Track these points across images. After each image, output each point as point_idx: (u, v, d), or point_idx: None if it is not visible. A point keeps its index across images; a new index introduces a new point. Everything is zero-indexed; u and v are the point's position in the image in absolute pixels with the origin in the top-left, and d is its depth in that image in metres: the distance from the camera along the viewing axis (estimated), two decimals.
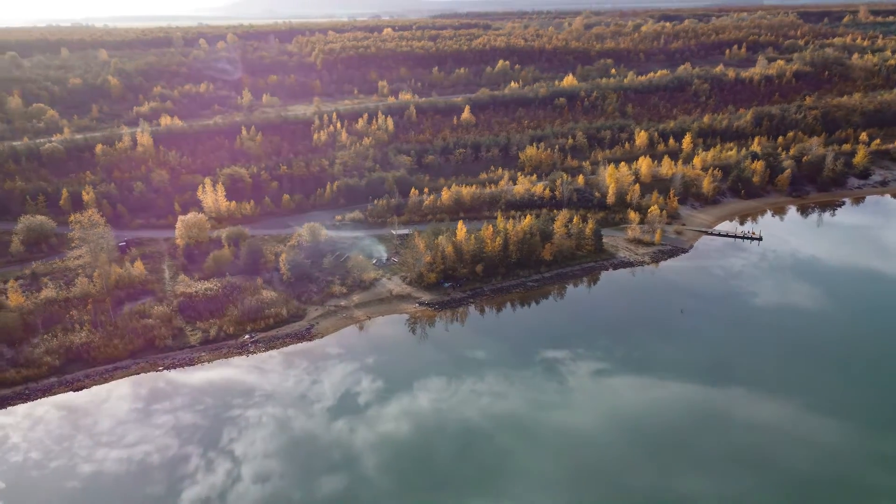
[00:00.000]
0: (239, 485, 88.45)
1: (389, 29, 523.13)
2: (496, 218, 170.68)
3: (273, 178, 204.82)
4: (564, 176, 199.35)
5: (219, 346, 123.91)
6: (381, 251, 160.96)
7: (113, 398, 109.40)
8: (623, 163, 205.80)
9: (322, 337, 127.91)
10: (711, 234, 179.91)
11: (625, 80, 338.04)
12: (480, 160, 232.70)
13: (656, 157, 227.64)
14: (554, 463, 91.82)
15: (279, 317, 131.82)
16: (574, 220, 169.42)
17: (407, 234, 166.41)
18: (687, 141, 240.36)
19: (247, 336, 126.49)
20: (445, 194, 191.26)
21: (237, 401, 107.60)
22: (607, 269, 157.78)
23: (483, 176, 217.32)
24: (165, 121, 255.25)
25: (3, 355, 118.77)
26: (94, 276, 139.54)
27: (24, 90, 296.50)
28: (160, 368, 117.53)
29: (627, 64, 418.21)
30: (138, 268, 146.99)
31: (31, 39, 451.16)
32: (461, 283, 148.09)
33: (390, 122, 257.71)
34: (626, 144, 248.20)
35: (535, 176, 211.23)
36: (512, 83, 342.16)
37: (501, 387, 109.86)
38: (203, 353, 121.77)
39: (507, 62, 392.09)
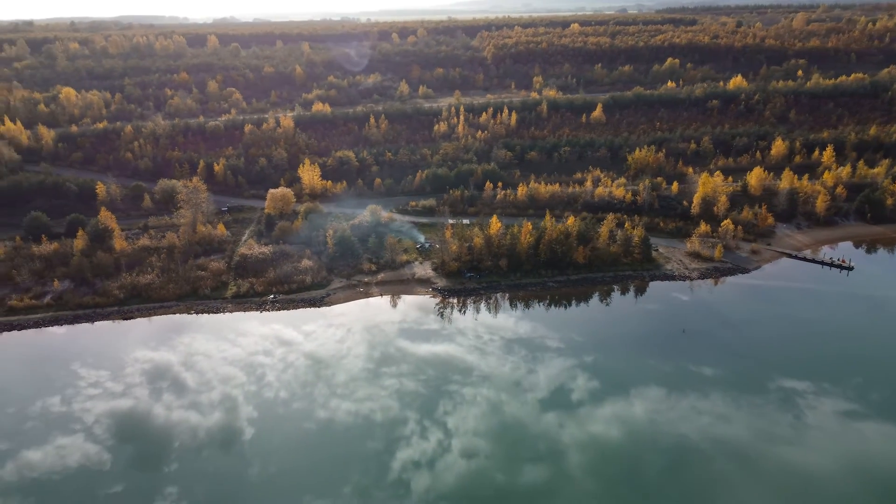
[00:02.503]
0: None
1: (576, 24, 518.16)
2: (568, 217, 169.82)
3: (376, 163, 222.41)
4: (647, 181, 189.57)
5: (244, 301, 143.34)
6: (420, 237, 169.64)
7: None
8: (719, 172, 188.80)
9: (330, 306, 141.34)
10: (794, 257, 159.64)
11: (807, 84, 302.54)
12: (585, 159, 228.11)
13: (782, 169, 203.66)
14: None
15: (303, 283, 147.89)
16: (625, 225, 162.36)
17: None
18: (828, 154, 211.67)
19: (271, 297, 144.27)
20: (521, 190, 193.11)
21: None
22: (644, 280, 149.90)
23: (577, 175, 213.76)
24: (317, 107, 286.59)
25: (94, 286, 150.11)
26: (179, 232, 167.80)
27: (227, 76, 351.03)
28: (192, 312, 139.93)
29: (828, 65, 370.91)
30: (220, 229, 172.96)
31: (260, 33, 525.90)
32: (483, 275, 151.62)
33: (514, 117, 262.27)
34: (758, 154, 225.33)
35: (623, 179, 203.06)
36: (669, 82, 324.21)
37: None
38: (229, 305, 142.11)
39: (677, 60, 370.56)
